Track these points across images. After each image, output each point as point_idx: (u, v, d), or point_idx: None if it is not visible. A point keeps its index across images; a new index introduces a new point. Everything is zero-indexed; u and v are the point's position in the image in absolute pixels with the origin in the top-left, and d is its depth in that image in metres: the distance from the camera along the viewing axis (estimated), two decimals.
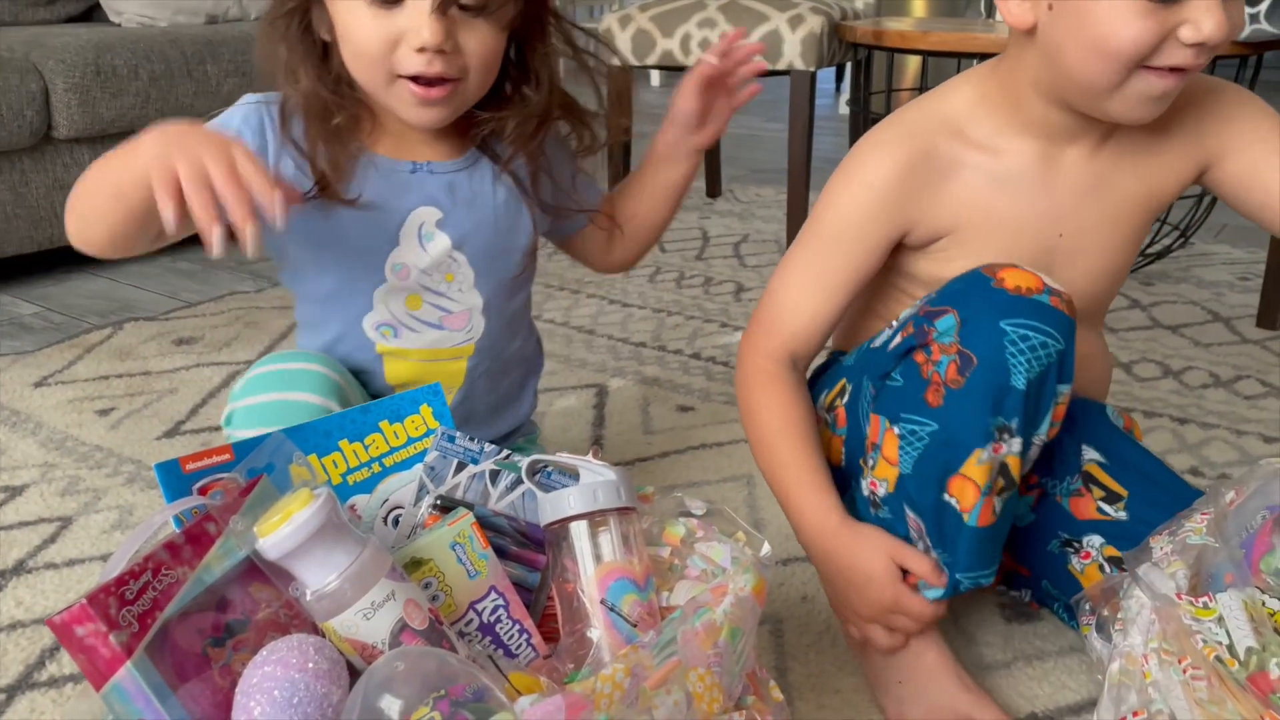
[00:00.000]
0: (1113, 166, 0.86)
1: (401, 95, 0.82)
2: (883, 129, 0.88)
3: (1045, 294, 0.74)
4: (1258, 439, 1.29)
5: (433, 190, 0.89)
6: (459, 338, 0.93)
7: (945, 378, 0.75)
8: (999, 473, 0.75)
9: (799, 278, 0.89)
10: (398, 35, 0.79)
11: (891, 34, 1.81)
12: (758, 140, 3.57)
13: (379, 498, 0.73)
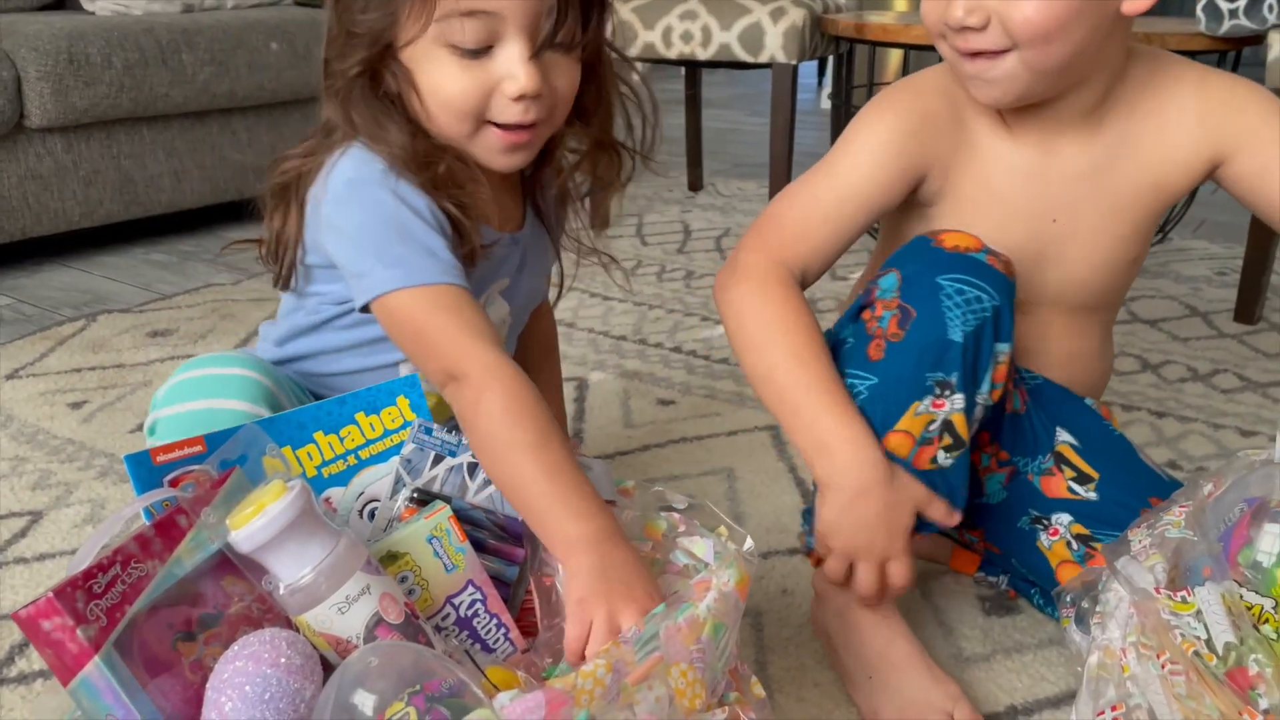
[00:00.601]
0: (1112, 155, 0.85)
1: (488, 141, 0.77)
2: (918, 73, 0.88)
3: (983, 253, 0.77)
4: (1235, 433, 1.30)
5: (515, 261, 0.87)
6: None
7: (886, 332, 0.77)
8: (943, 429, 0.76)
9: (828, 199, 0.84)
10: (492, 85, 0.74)
11: (873, 27, 1.81)
12: (739, 134, 3.57)
13: (354, 491, 0.72)
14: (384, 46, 0.75)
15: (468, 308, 0.72)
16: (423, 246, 0.73)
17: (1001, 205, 0.86)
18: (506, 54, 0.73)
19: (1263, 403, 1.39)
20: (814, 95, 4.56)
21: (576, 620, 0.63)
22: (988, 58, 0.77)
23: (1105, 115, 0.84)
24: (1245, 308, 1.70)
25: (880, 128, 0.85)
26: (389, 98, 0.77)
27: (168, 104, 1.99)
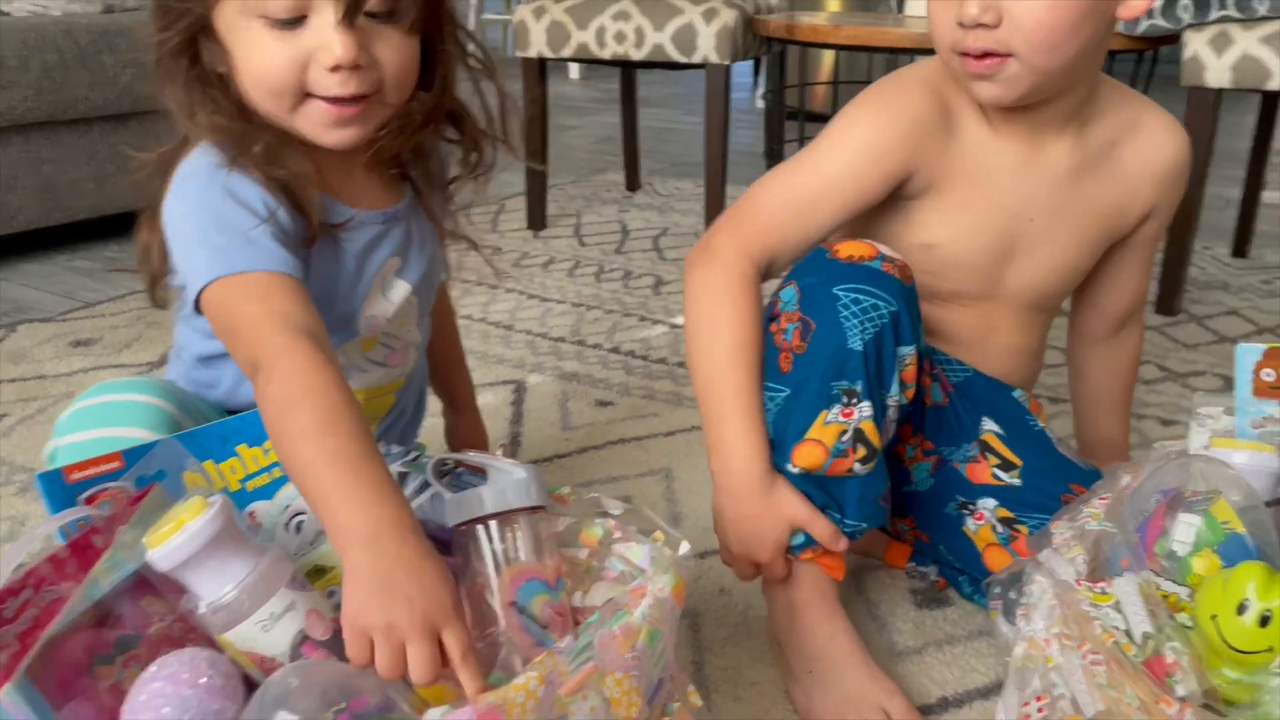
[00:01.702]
0: (1091, 169, 0.89)
1: (312, 116, 0.74)
2: (905, 69, 0.90)
3: (877, 260, 0.80)
4: (1156, 422, 1.34)
5: (398, 238, 0.85)
6: (397, 373, 0.90)
7: (791, 344, 0.80)
8: (855, 438, 0.79)
9: (804, 193, 0.85)
10: (306, 55, 0.71)
11: (804, 28, 1.83)
12: (675, 133, 3.58)
13: (280, 503, 0.71)
14: (196, 19, 0.72)
15: (279, 295, 0.68)
16: (241, 235, 0.70)
17: (985, 201, 0.88)
18: (319, 23, 0.70)
19: (1183, 392, 1.43)
20: (749, 94, 4.59)
21: (353, 641, 0.55)
22: (996, 59, 0.78)
23: (1088, 122, 0.88)
24: (1167, 299, 1.75)
25: (867, 129, 0.86)
26: (214, 77, 0.75)
27: (88, 107, 1.93)
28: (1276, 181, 2.85)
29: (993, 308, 0.93)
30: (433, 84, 0.80)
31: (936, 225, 0.88)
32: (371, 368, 0.87)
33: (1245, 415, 0.76)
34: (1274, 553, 0.63)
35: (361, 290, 0.83)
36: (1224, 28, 1.56)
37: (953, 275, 0.90)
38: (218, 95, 0.75)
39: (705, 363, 0.84)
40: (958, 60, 0.81)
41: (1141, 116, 0.90)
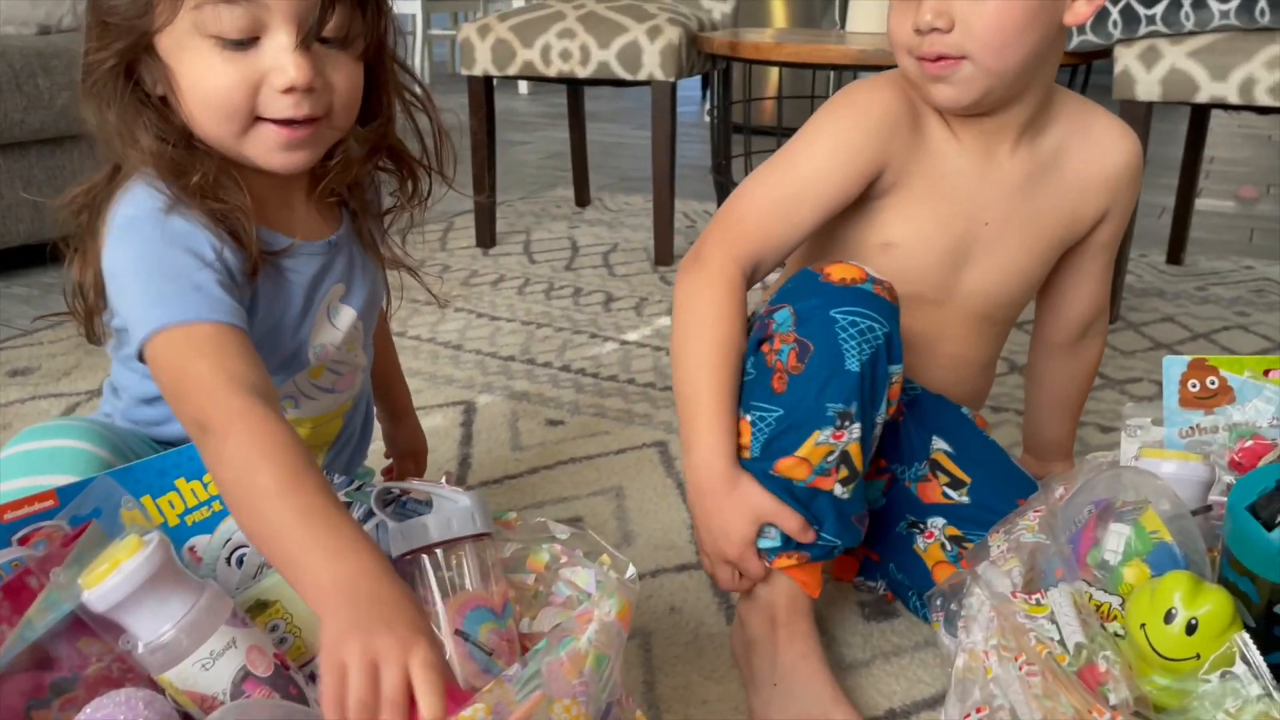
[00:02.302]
0: (1043, 177, 0.92)
1: (263, 140, 0.72)
2: (875, 79, 0.92)
3: (869, 283, 0.81)
4: (1095, 429, 1.37)
5: (342, 265, 0.84)
6: (345, 397, 0.89)
7: (786, 365, 0.81)
8: (840, 460, 0.80)
9: (782, 191, 0.88)
10: (258, 78, 0.70)
11: (747, 46, 1.85)
12: (625, 148, 3.59)
13: (221, 537, 0.70)
14: (140, 37, 0.70)
15: (229, 352, 0.66)
16: (187, 282, 0.68)
17: (945, 203, 0.90)
18: (273, 44, 0.69)
19: (1120, 399, 1.46)
20: (698, 108, 4.62)
21: (328, 668, 0.54)
22: (950, 61, 0.82)
23: (1041, 131, 0.91)
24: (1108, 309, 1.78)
25: (841, 127, 0.88)
26: (153, 101, 0.73)
27: (24, 130, 1.89)
28: (1209, 189, 2.94)
29: (944, 314, 0.94)
30: (374, 115, 0.80)
31: (897, 224, 0.90)
32: (320, 395, 0.87)
33: (1173, 425, 0.78)
34: (1201, 561, 0.65)
35: (309, 320, 0.82)
36: (1153, 42, 1.61)
37: (910, 277, 0.92)
38: (158, 119, 0.72)
39: (684, 361, 0.86)
40: (914, 64, 0.84)
41: (1092, 122, 0.93)
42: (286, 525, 0.59)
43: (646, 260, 2.19)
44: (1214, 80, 1.56)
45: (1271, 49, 1.51)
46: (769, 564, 0.83)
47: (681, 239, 2.33)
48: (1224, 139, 3.82)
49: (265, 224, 0.77)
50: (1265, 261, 2.19)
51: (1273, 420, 0.77)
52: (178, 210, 0.71)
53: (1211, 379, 0.78)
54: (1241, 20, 1.51)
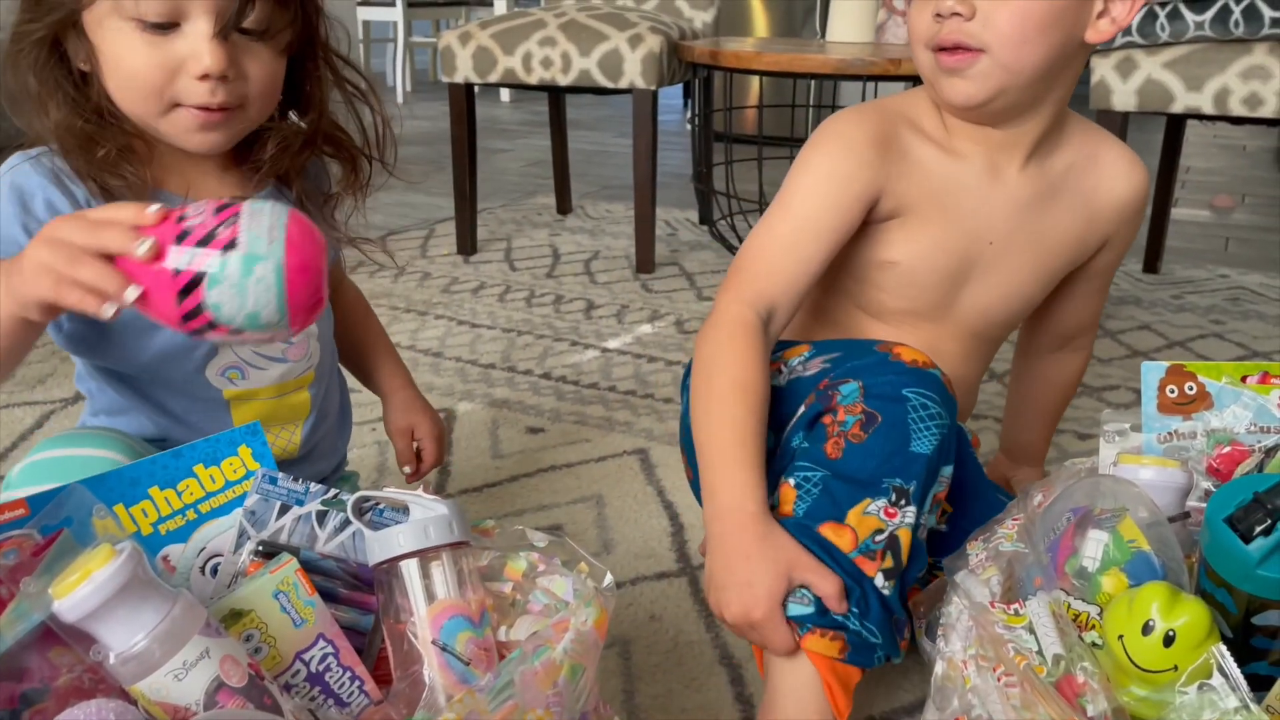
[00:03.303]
0: (1051, 199, 0.90)
1: (179, 122, 0.76)
2: (854, 109, 0.91)
3: (937, 370, 0.79)
4: (1073, 436, 1.38)
5: None
6: (301, 366, 0.89)
7: (848, 433, 0.77)
8: (888, 545, 0.74)
9: (781, 230, 0.87)
10: (176, 63, 0.73)
11: (727, 55, 1.86)
12: (607, 156, 3.59)
13: (195, 546, 0.69)
14: (69, 13, 0.73)
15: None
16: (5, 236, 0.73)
17: (947, 220, 0.89)
18: (192, 32, 0.72)
19: (1098, 406, 1.47)
20: (680, 116, 4.63)
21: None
22: (967, 54, 0.80)
23: (1051, 152, 0.90)
24: None
25: (828, 160, 0.87)
26: (73, 77, 0.75)
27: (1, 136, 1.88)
28: (1185, 198, 2.97)
29: (940, 332, 0.94)
30: (306, 105, 0.84)
31: (900, 244, 0.89)
32: (269, 364, 0.87)
33: (1152, 431, 0.79)
34: (1178, 568, 0.65)
35: None
36: (1128, 53, 1.62)
37: (909, 293, 0.91)
38: (75, 93, 0.75)
39: (703, 409, 0.82)
40: (931, 58, 0.83)
41: (1103, 150, 0.92)
42: None
43: (628, 268, 2.19)
44: (1189, 91, 1.58)
45: (1246, 60, 1.53)
46: (798, 638, 0.73)
47: (663, 246, 2.34)
48: (1200, 149, 3.86)
49: (171, 189, 0.79)
50: (1240, 270, 2.22)
51: (1250, 426, 0.77)
52: (36, 163, 0.75)
53: (1190, 385, 0.78)
54: (1216, 31, 1.53)
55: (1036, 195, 0.90)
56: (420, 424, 1.05)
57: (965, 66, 0.81)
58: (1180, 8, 1.54)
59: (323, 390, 0.93)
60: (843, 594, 0.73)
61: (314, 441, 0.92)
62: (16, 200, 0.75)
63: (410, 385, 1.07)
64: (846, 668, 0.74)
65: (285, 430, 0.90)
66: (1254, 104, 1.54)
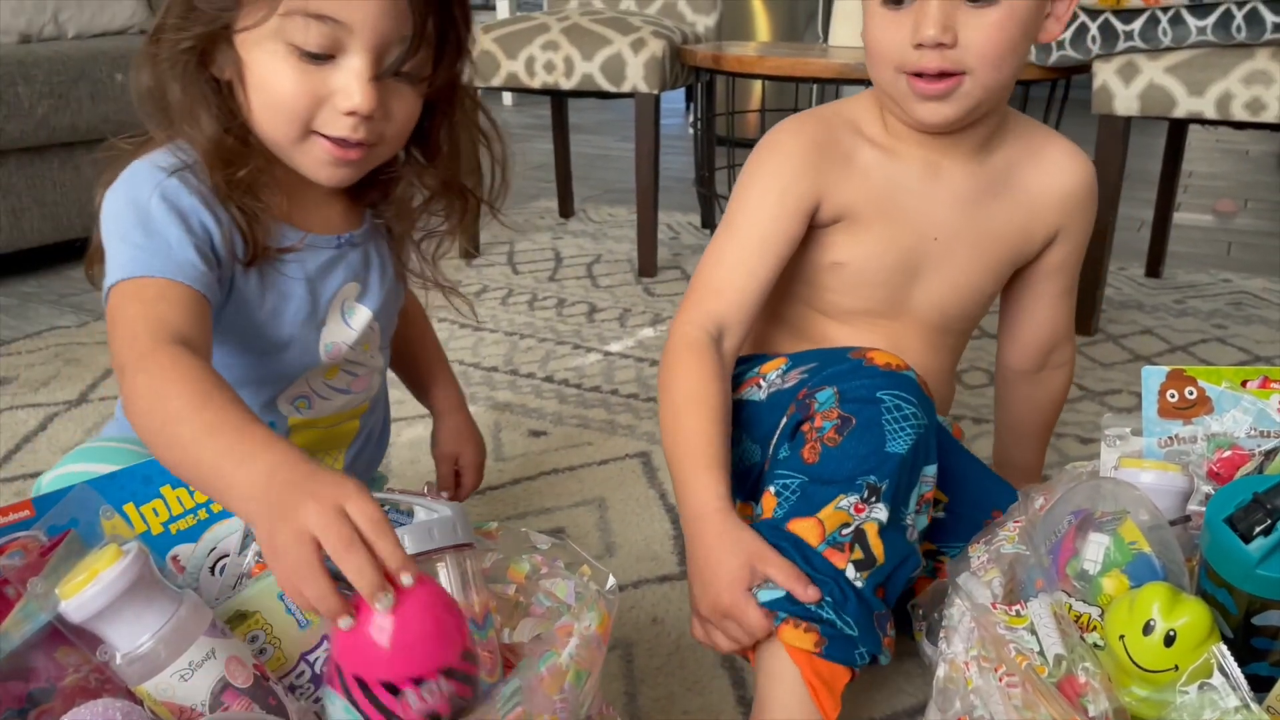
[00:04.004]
0: (992, 188, 0.92)
1: (314, 152, 0.74)
2: (792, 118, 0.93)
3: (911, 372, 0.80)
4: (1075, 440, 1.38)
5: (355, 263, 0.84)
6: (361, 398, 0.89)
7: (824, 437, 0.78)
8: (855, 537, 0.75)
9: (726, 248, 0.90)
10: (325, 93, 0.71)
11: (730, 59, 1.86)
12: (609, 159, 3.60)
13: (205, 546, 0.70)
14: (222, 27, 0.71)
15: (169, 303, 0.67)
16: (162, 240, 0.69)
17: (890, 221, 0.90)
18: (348, 67, 0.71)
19: (1100, 410, 1.47)
20: (683, 119, 4.64)
21: (270, 562, 0.53)
22: (951, 79, 0.81)
23: (992, 149, 0.91)
24: (1083, 320, 1.80)
25: (765, 170, 0.90)
26: (216, 83, 0.74)
27: (4, 139, 1.88)
28: (1188, 203, 2.97)
29: (901, 328, 0.95)
30: (436, 150, 0.82)
31: (846, 246, 0.91)
32: (334, 395, 0.86)
33: (1152, 435, 0.79)
34: (1179, 571, 0.65)
35: (319, 316, 0.82)
36: (1131, 58, 1.62)
37: (862, 292, 0.93)
38: (221, 108, 0.74)
39: (666, 422, 0.86)
40: (904, 81, 0.83)
41: (1043, 144, 0.93)
42: (197, 442, 0.59)
43: (630, 271, 2.20)
44: (1191, 95, 1.58)
45: (1248, 65, 1.53)
46: (774, 627, 0.74)
47: (665, 250, 2.34)
48: (1202, 153, 3.86)
49: (281, 215, 0.77)
50: (1243, 275, 2.22)
51: (1250, 430, 0.77)
52: (181, 175, 0.72)
53: (1190, 389, 0.79)
54: (1218, 36, 1.53)
55: (978, 191, 0.91)
56: (466, 452, 1.05)
57: (950, 91, 0.82)
58: (1182, 13, 1.55)
59: (373, 420, 0.93)
60: (804, 581, 0.74)
61: (356, 466, 0.92)
62: (179, 221, 0.71)
63: (462, 408, 1.07)
64: (831, 668, 0.73)
65: (328, 457, 0.90)
66: (1256, 109, 1.55)
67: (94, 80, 1.99)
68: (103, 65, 2.01)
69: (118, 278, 0.68)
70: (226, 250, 0.74)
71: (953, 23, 0.79)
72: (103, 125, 2.01)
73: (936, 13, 0.79)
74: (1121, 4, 1.57)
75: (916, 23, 0.80)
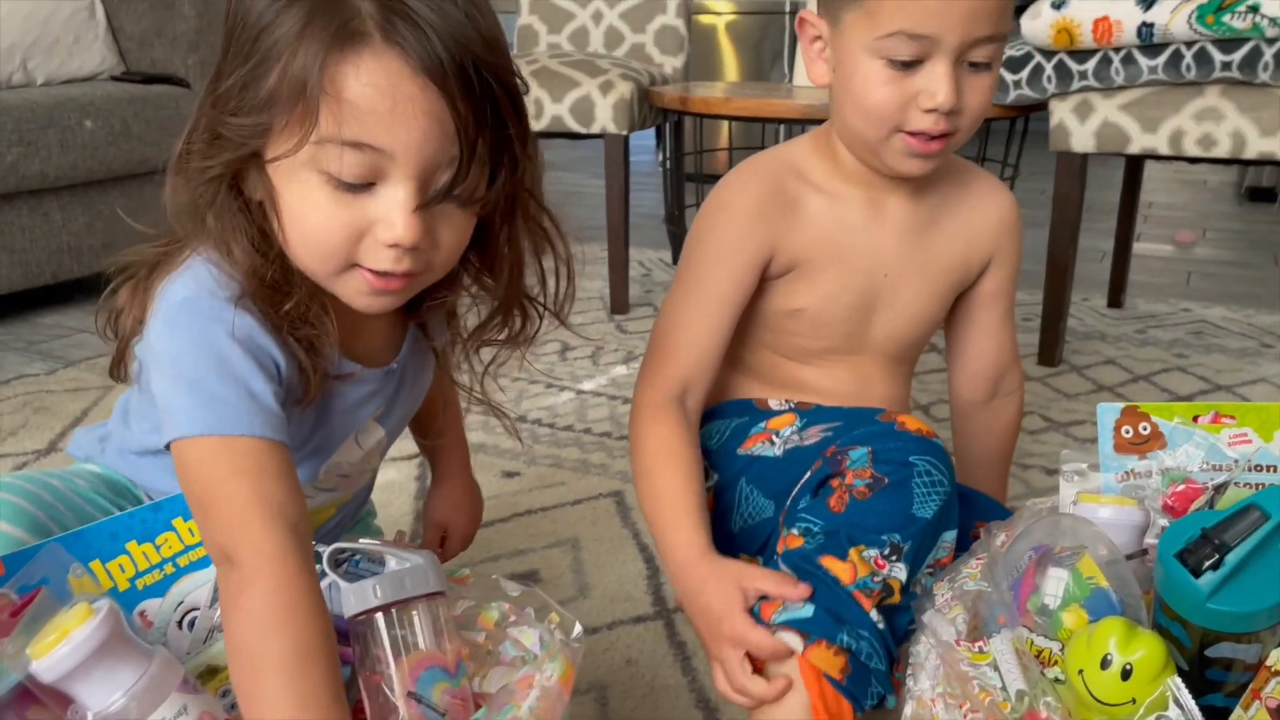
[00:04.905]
0: (932, 221, 0.95)
1: (352, 283, 0.68)
2: (738, 169, 0.95)
3: (938, 440, 0.82)
4: (1040, 472, 1.40)
5: (389, 391, 0.80)
6: (345, 494, 0.87)
7: (854, 491, 0.80)
8: (883, 588, 0.76)
9: (683, 309, 0.92)
10: (365, 225, 0.64)
11: (696, 100, 1.89)
12: (581, 197, 3.63)
13: (173, 601, 0.70)
14: (252, 156, 0.65)
15: (271, 473, 0.63)
16: (244, 389, 0.64)
17: (843, 262, 0.93)
18: (389, 197, 0.64)
19: (1065, 441, 1.50)
20: (653, 157, 4.68)
21: None
22: (943, 140, 0.84)
23: (925, 186, 0.94)
24: (1047, 351, 1.83)
25: (715, 229, 0.92)
26: (249, 205, 0.68)
27: None
28: (1148, 233, 3.03)
29: (863, 361, 0.98)
30: (496, 265, 0.75)
31: (803, 293, 0.93)
32: (318, 494, 0.83)
33: (1109, 470, 0.81)
34: (1136, 604, 0.67)
35: (338, 440, 0.78)
36: (1085, 96, 1.67)
37: (823, 333, 0.95)
38: (259, 239, 0.67)
39: (641, 484, 0.88)
40: (901, 140, 0.85)
41: (970, 178, 0.98)
42: (281, 706, 0.58)
43: (603, 309, 2.21)
44: (1145, 132, 1.62)
45: (1198, 102, 1.58)
46: (805, 644, 0.74)
47: (637, 287, 2.36)
48: (1161, 184, 3.94)
49: (337, 343, 0.71)
50: (1202, 304, 2.26)
51: (1203, 464, 0.79)
52: (243, 304, 0.66)
53: (1144, 425, 0.81)
54: (1169, 75, 1.58)
55: (919, 225, 0.94)
56: (458, 524, 1.02)
57: (939, 150, 0.85)
58: (1134, 53, 1.59)
59: (353, 503, 0.90)
60: (795, 583, 0.76)
61: (324, 535, 0.88)
62: (258, 366, 0.65)
63: (464, 474, 1.03)
64: (840, 702, 0.74)
65: None
66: (1208, 144, 1.59)
67: (63, 127, 1.99)
68: (71, 112, 2.02)
69: (195, 432, 0.63)
70: (294, 389, 0.69)
71: (960, 88, 0.82)
72: (72, 172, 2.02)
73: (953, 81, 0.81)
74: (1075, 44, 1.62)
75: (929, 89, 0.81)
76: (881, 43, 0.81)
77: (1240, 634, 0.61)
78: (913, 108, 0.83)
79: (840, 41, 0.86)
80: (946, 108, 0.81)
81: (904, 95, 0.82)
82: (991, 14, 0.81)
